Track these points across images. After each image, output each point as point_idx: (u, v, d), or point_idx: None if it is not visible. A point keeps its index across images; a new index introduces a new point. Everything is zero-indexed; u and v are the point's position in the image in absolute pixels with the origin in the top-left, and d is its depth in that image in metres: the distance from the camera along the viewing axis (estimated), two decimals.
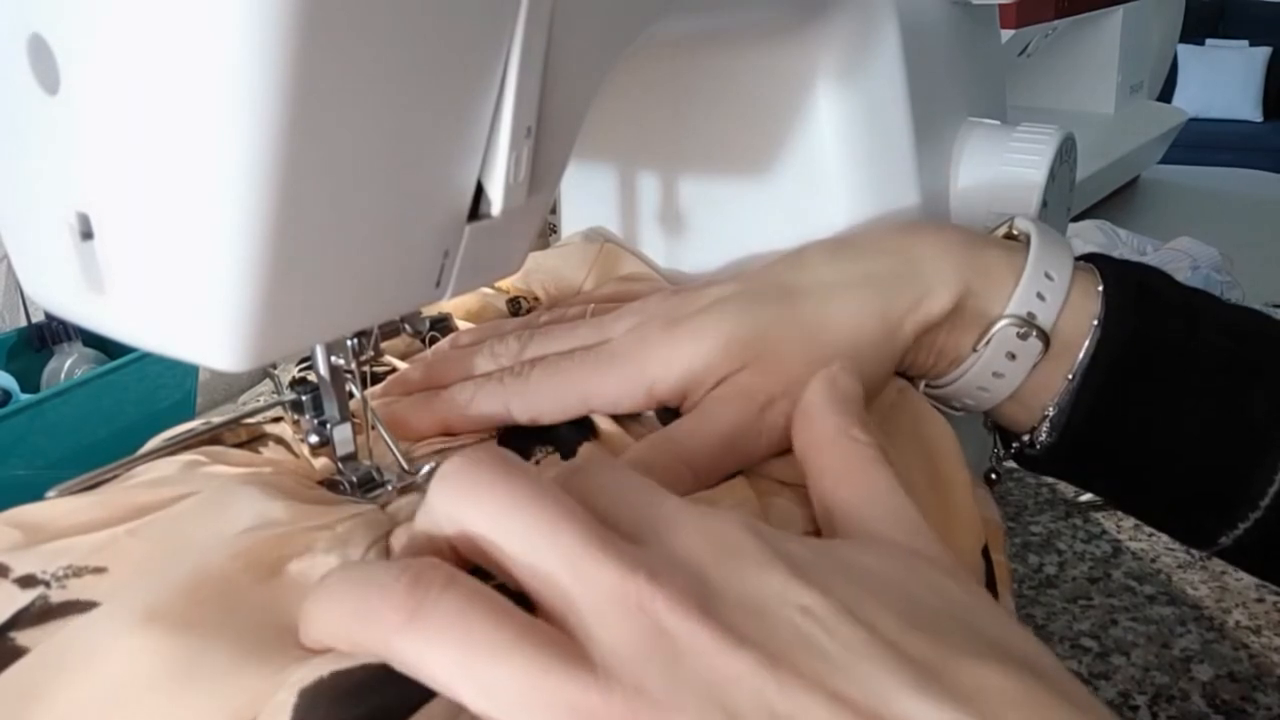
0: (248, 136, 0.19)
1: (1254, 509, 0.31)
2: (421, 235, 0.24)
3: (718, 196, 0.41)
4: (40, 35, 0.20)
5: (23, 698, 0.20)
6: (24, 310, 0.71)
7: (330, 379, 0.28)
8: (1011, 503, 0.56)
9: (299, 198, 0.20)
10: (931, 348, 0.33)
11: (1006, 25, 0.87)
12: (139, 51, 0.19)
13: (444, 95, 0.22)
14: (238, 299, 0.21)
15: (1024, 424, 0.34)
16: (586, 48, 0.26)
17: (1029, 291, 0.32)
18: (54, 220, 0.22)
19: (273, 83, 0.18)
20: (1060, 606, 0.48)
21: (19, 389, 0.56)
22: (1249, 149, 3.42)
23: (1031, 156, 0.40)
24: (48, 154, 0.21)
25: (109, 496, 0.26)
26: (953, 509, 0.30)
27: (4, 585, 0.23)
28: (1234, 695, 0.42)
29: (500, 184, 0.24)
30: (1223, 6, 3.99)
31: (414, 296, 0.25)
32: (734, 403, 0.30)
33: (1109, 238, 0.81)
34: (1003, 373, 0.32)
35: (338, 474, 0.29)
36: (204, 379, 0.65)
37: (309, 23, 0.18)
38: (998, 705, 0.18)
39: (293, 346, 0.23)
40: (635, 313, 0.33)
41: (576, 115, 0.27)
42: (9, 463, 0.49)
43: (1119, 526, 0.54)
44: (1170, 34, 1.28)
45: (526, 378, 0.31)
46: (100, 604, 0.22)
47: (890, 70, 0.39)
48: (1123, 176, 1.10)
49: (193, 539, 0.24)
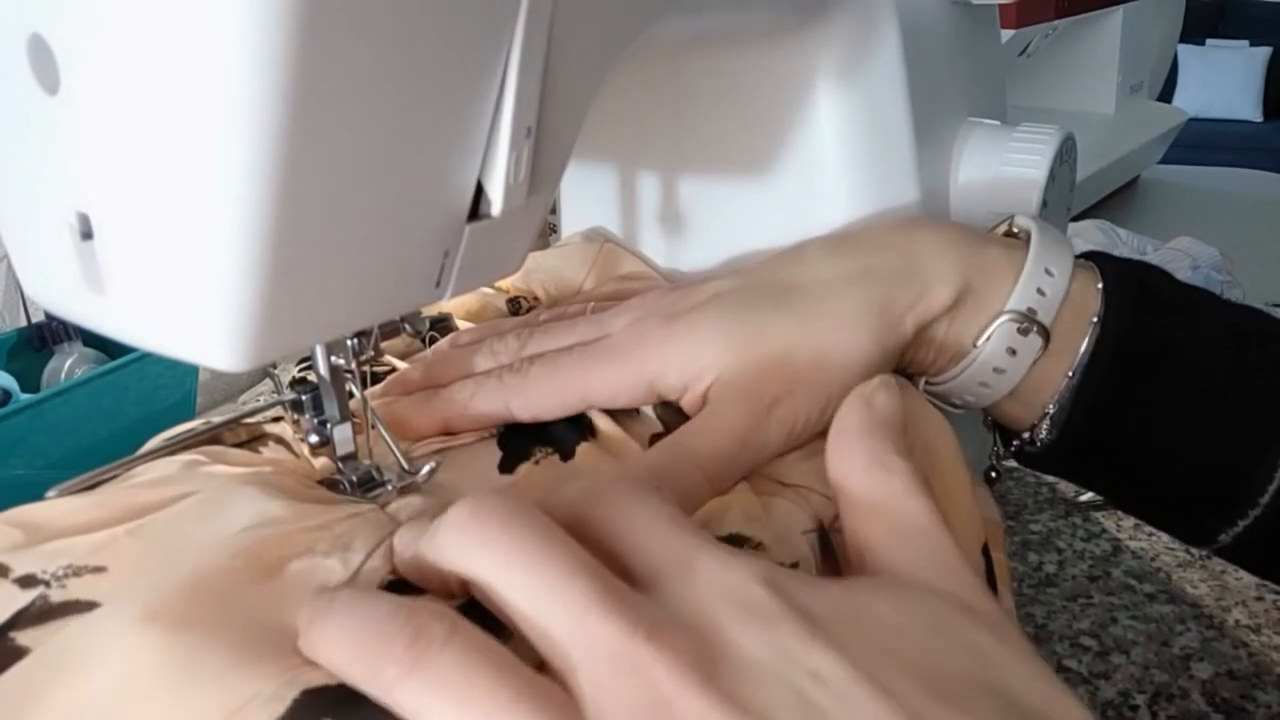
0: (248, 136, 0.19)
1: (1254, 506, 0.31)
2: (421, 235, 0.24)
3: (718, 196, 0.41)
4: (40, 35, 0.20)
5: (23, 698, 0.20)
6: (24, 310, 0.71)
7: (330, 379, 0.28)
8: (1011, 502, 0.56)
9: (299, 198, 0.20)
10: (931, 344, 0.33)
11: (1006, 25, 0.87)
12: (139, 52, 0.19)
13: (444, 95, 0.22)
14: (238, 299, 0.21)
15: (1024, 421, 0.34)
16: (586, 48, 0.26)
17: (1029, 287, 0.32)
18: (54, 220, 0.22)
19: (273, 83, 0.18)
20: (1060, 605, 0.48)
21: (19, 389, 0.56)
22: (1249, 149, 3.42)
23: (1031, 156, 0.40)
24: (48, 154, 0.21)
25: (109, 496, 0.26)
26: (952, 508, 0.30)
27: (4, 585, 0.23)
28: (1234, 693, 0.42)
29: (500, 184, 0.24)
30: (1223, 6, 3.99)
31: (414, 296, 0.25)
32: (740, 404, 0.30)
33: (1109, 237, 0.81)
34: (1003, 369, 0.32)
35: (338, 474, 0.29)
36: (204, 379, 0.65)
37: (309, 23, 0.18)
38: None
39: (293, 346, 0.23)
40: (634, 308, 0.33)
41: (576, 115, 0.27)
42: (9, 463, 0.49)
43: (1119, 525, 0.54)
44: (1170, 34, 1.28)
45: (526, 375, 0.31)
46: (100, 604, 0.22)
47: (890, 70, 0.39)
48: (1123, 176, 1.10)
49: (193, 538, 0.24)
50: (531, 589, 0.19)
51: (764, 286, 0.33)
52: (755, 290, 0.32)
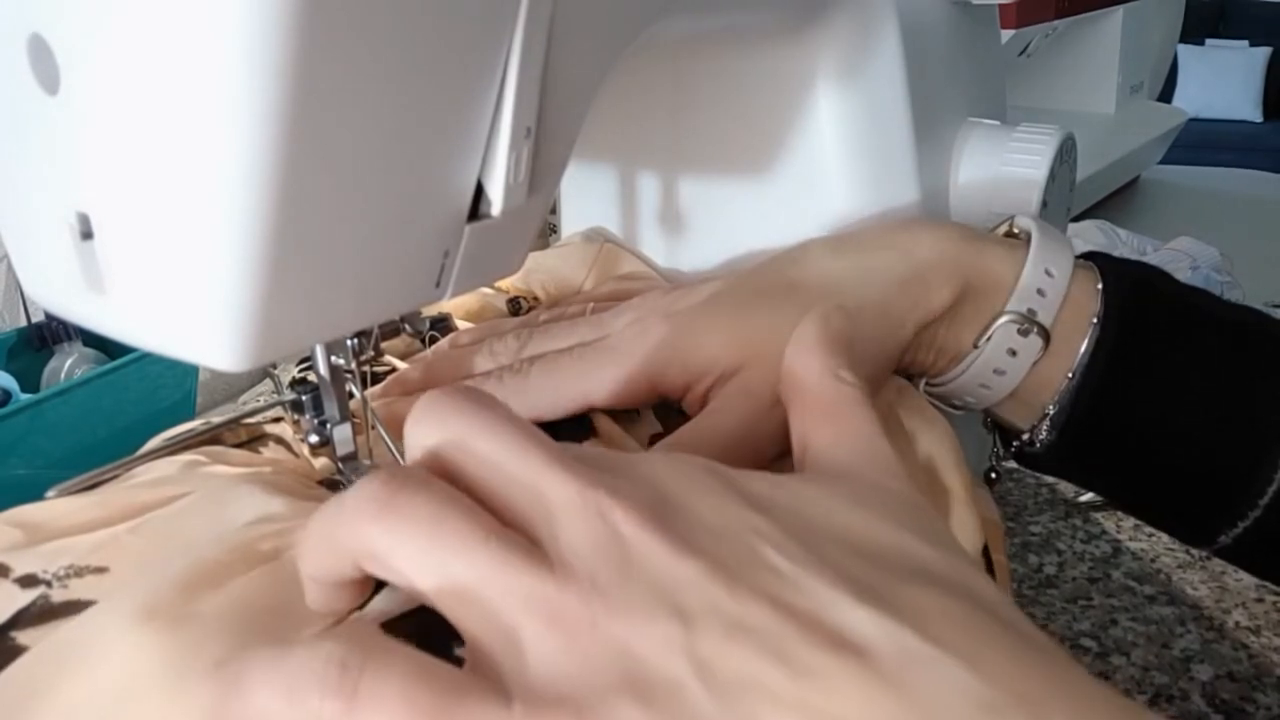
0: (247, 136, 0.19)
1: (1254, 508, 0.31)
2: (421, 235, 0.24)
3: (717, 196, 0.41)
4: (40, 35, 0.20)
5: (23, 696, 0.20)
6: (24, 310, 0.71)
7: (330, 379, 0.28)
8: (1011, 503, 0.56)
9: (299, 198, 0.20)
10: (932, 344, 0.33)
11: (1006, 25, 0.87)
12: (139, 52, 0.19)
13: (444, 95, 0.22)
14: (238, 299, 0.21)
15: (1024, 422, 0.34)
16: (586, 48, 0.26)
17: (1029, 288, 0.32)
18: (54, 220, 0.22)
19: (272, 82, 0.18)
20: (1060, 606, 0.48)
21: (19, 389, 0.56)
22: (1249, 149, 3.42)
23: (1031, 156, 0.40)
24: (48, 154, 0.21)
25: (109, 496, 0.26)
26: (951, 509, 0.30)
27: (5, 585, 0.23)
28: (1234, 695, 0.42)
29: (500, 184, 0.24)
30: (1223, 6, 3.99)
31: (414, 296, 0.25)
32: (741, 403, 0.30)
33: (1109, 238, 0.81)
34: (1004, 369, 0.32)
35: (338, 474, 0.29)
36: (204, 379, 0.65)
37: (309, 23, 0.18)
38: (938, 622, 0.18)
39: (293, 346, 0.23)
40: (634, 308, 0.33)
41: (576, 115, 0.27)
42: (9, 463, 0.49)
43: (1119, 526, 0.54)
44: (1170, 34, 1.28)
45: (526, 375, 0.31)
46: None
47: (890, 70, 0.39)
48: (1123, 176, 1.10)
49: (193, 535, 0.24)
50: (496, 450, 0.20)
51: (765, 286, 0.33)
52: (756, 290, 0.32)
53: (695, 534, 0.19)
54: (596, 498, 0.19)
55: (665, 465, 0.21)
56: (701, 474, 0.21)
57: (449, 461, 0.21)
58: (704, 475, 0.21)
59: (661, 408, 0.32)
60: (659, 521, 0.19)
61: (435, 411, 0.21)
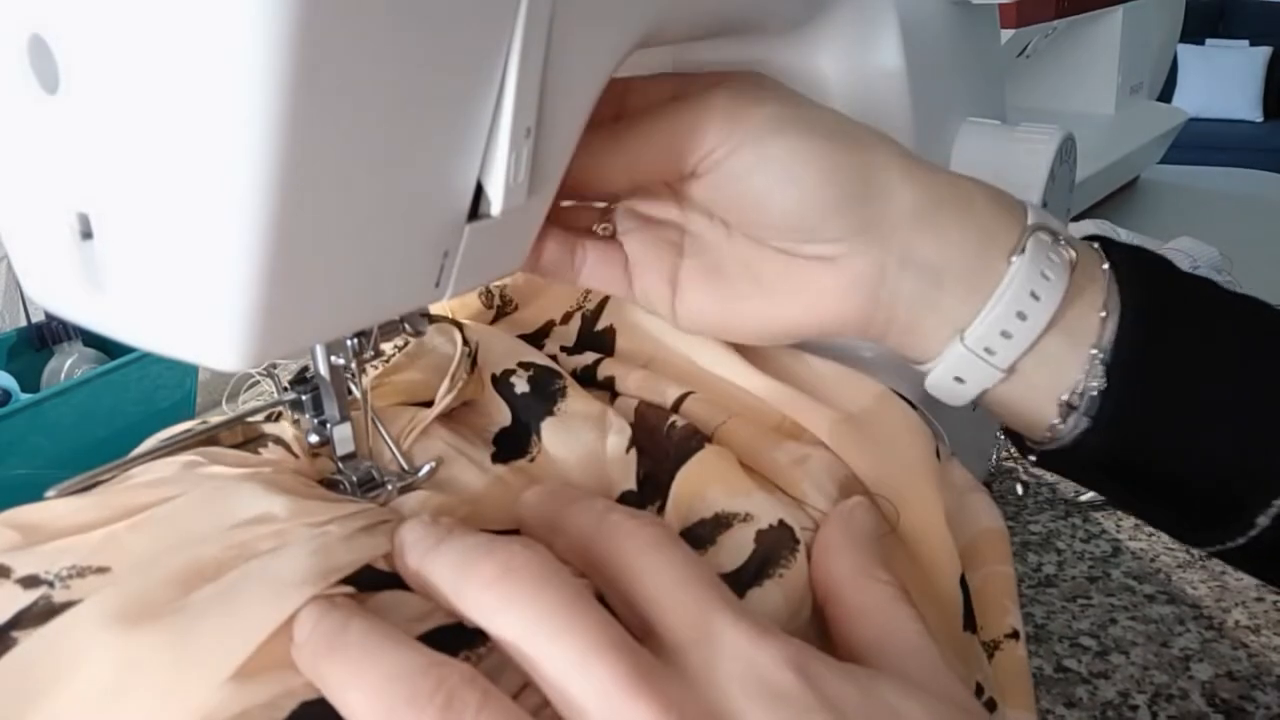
0: (247, 136, 0.19)
1: (1262, 514, 0.31)
2: (421, 235, 0.24)
3: None
4: (40, 35, 0.20)
5: (22, 693, 0.20)
6: (24, 310, 0.71)
7: (330, 379, 0.28)
8: (1011, 502, 0.56)
9: (299, 198, 0.20)
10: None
11: (1006, 25, 0.87)
12: (139, 51, 0.19)
13: (443, 95, 0.22)
14: (238, 299, 0.21)
15: (1041, 422, 0.33)
16: (586, 48, 0.26)
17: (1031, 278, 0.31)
18: (54, 220, 0.22)
19: (272, 83, 0.18)
20: (1060, 605, 0.48)
21: (19, 389, 0.56)
22: (1249, 149, 3.42)
23: (1031, 156, 0.40)
24: (48, 154, 0.21)
25: (108, 496, 0.26)
26: (924, 539, 0.30)
27: (7, 586, 0.23)
28: (1233, 694, 0.42)
29: (500, 184, 0.24)
30: (1223, 6, 3.99)
31: (414, 296, 0.25)
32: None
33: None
34: (1026, 314, 0.31)
35: (338, 474, 0.29)
36: (204, 379, 0.65)
37: (309, 23, 0.18)
38: None
39: (293, 346, 0.23)
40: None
41: (576, 115, 0.27)
42: (9, 463, 0.49)
43: (1119, 526, 0.54)
44: (1170, 34, 1.28)
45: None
46: None
47: (890, 70, 0.39)
48: (1123, 176, 1.10)
49: (193, 532, 0.24)
50: (560, 658, 0.19)
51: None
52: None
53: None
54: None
55: (748, 665, 0.20)
56: (784, 676, 0.20)
57: (510, 649, 0.20)
58: (787, 678, 0.20)
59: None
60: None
61: (503, 588, 0.20)
